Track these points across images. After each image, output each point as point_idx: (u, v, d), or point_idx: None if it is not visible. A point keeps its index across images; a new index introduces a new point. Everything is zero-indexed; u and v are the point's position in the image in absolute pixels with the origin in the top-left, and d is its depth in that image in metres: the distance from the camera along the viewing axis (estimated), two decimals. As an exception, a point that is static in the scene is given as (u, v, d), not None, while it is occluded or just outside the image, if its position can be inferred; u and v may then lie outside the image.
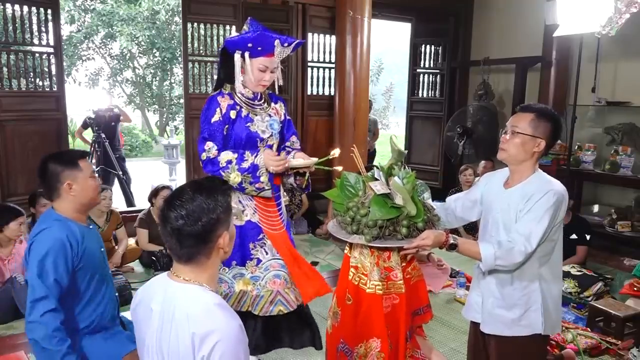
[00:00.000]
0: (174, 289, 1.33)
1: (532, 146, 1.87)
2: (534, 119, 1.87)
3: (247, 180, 2.42)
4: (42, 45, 4.70)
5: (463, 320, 3.37)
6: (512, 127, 1.89)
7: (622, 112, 5.23)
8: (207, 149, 2.46)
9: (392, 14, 6.72)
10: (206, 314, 1.26)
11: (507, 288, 1.91)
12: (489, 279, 1.96)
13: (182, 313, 1.27)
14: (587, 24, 3.79)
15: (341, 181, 2.02)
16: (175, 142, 8.07)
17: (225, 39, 2.63)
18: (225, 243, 1.36)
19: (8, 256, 3.31)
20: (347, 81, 4.91)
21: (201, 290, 1.32)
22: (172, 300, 1.31)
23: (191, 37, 5.33)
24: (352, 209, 1.89)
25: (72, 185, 1.96)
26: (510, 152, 1.89)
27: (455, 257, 4.67)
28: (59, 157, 2.01)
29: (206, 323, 1.24)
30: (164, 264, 4.10)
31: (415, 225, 1.84)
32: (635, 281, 3.49)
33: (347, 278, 2.08)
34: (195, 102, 5.42)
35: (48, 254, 1.84)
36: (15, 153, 4.59)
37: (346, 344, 2.10)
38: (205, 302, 1.29)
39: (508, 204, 1.89)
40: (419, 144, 7.31)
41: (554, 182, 1.87)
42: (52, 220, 1.94)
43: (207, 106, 2.49)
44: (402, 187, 1.88)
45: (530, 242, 1.77)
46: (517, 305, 1.89)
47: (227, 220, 1.36)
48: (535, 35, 5.78)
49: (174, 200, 1.31)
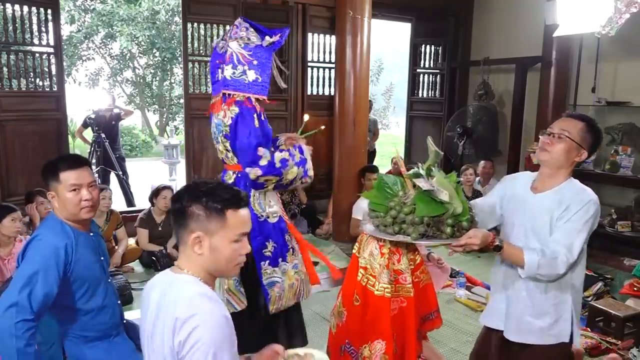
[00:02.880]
0: (171, 278, 1.37)
1: (575, 155, 1.83)
2: (583, 128, 1.83)
3: (299, 175, 2.57)
4: (42, 45, 4.71)
5: (463, 320, 3.37)
6: (562, 131, 1.83)
7: (622, 112, 5.23)
8: (263, 154, 2.48)
9: (392, 14, 6.72)
10: (190, 300, 1.28)
11: (539, 296, 1.87)
12: (518, 285, 1.90)
13: (171, 299, 1.30)
14: (587, 24, 3.79)
15: (379, 182, 1.99)
16: (175, 142, 8.07)
17: (276, 43, 2.69)
18: (203, 248, 1.33)
19: (8, 255, 3.30)
20: (347, 81, 4.90)
21: (192, 280, 1.34)
22: (166, 288, 1.34)
23: (191, 37, 5.33)
24: (395, 208, 1.86)
25: (54, 196, 1.90)
26: (554, 155, 1.83)
27: (455, 257, 4.67)
28: (48, 164, 1.91)
29: (189, 309, 1.25)
30: (164, 264, 4.10)
31: (460, 224, 1.80)
32: (635, 281, 3.49)
33: (356, 279, 2.08)
34: (195, 102, 5.42)
35: (40, 268, 1.75)
36: (15, 153, 4.60)
37: (352, 345, 2.10)
38: (193, 290, 1.31)
39: (539, 209, 1.85)
40: (419, 144, 7.30)
41: (589, 191, 1.83)
42: (49, 227, 1.88)
43: (245, 113, 2.51)
44: (447, 183, 1.84)
45: (572, 253, 1.74)
46: (548, 314, 1.86)
47: (205, 224, 1.32)
48: (535, 35, 5.78)
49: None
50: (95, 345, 1.98)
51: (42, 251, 1.79)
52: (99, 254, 2.02)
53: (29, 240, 1.86)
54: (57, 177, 1.86)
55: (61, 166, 1.88)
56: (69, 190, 1.86)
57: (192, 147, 5.51)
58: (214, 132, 2.69)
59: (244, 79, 2.57)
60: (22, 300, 1.68)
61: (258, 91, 2.60)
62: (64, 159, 1.93)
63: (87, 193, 1.89)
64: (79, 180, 1.88)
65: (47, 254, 1.78)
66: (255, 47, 2.57)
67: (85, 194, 1.88)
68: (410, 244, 1.98)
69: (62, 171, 1.86)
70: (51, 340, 2.07)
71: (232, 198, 1.35)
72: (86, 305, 1.93)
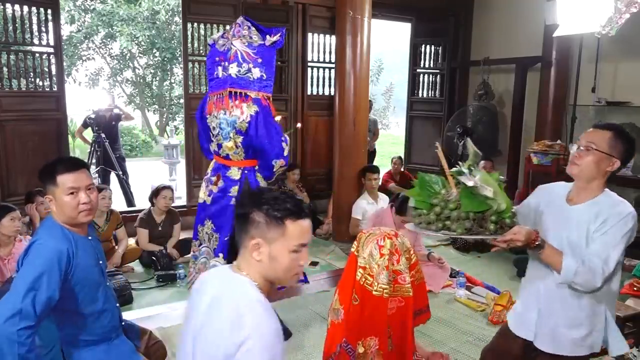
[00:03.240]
0: (230, 275, 1.38)
1: (606, 165, 1.82)
2: (612, 137, 1.81)
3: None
4: (42, 45, 4.71)
5: (463, 320, 3.37)
6: (588, 144, 1.82)
7: (622, 112, 5.23)
8: (285, 147, 2.75)
9: (392, 14, 6.72)
10: (250, 304, 1.29)
11: (574, 307, 1.86)
12: (553, 295, 1.89)
13: (231, 295, 1.32)
14: (587, 24, 3.79)
15: (420, 181, 2.00)
16: (175, 142, 8.06)
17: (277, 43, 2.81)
18: (261, 255, 1.34)
19: (8, 255, 3.30)
20: (347, 81, 4.90)
21: (250, 284, 1.35)
22: (225, 284, 1.36)
23: (191, 37, 5.34)
24: (439, 205, 1.87)
25: (52, 200, 1.87)
26: (583, 168, 1.82)
27: (454, 258, 4.68)
28: (45, 167, 1.87)
29: (248, 313, 1.27)
30: (164, 264, 4.10)
31: (503, 220, 1.81)
32: (635, 281, 3.49)
33: (354, 278, 2.08)
34: (195, 102, 5.41)
35: (44, 272, 1.73)
36: (15, 153, 4.60)
37: (349, 343, 2.11)
38: (252, 295, 1.32)
39: (576, 221, 1.84)
40: (419, 144, 7.31)
41: (627, 204, 1.82)
42: (50, 231, 1.86)
43: (265, 110, 2.68)
44: (491, 180, 1.85)
45: (608, 266, 1.73)
46: (583, 325, 1.85)
47: (265, 231, 1.33)
48: (535, 35, 5.79)
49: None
50: (95, 348, 1.97)
51: (44, 255, 1.77)
52: (98, 257, 2.01)
53: (30, 244, 1.84)
54: (54, 181, 1.83)
55: (58, 169, 1.84)
56: (66, 193, 1.83)
57: (192, 147, 5.51)
58: (221, 129, 2.71)
59: (249, 76, 2.63)
60: (27, 307, 1.66)
61: (262, 88, 2.68)
62: (61, 162, 1.90)
63: (85, 196, 1.86)
64: (77, 183, 1.85)
65: (50, 257, 1.76)
66: (259, 45, 2.63)
67: (83, 197, 1.85)
68: (452, 240, 2.00)
69: (60, 174, 1.83)
70: (51, 344, 2.07)
71: (293, 208, 1.34)
72: (86, 310, 1.92)
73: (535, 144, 5.51)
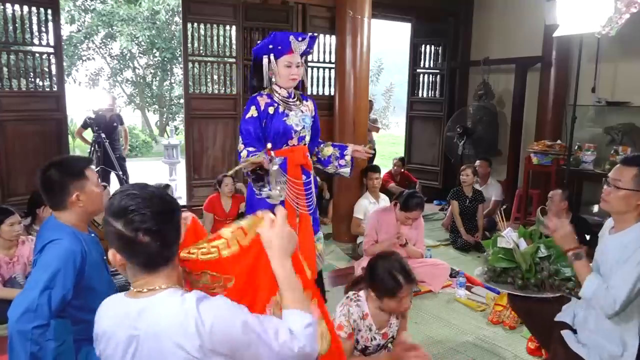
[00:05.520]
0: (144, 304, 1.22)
1: (635, 200, 1.87)
2: (637, 174, 1.86)
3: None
4: (42, 45, 4.71)
5: (463, 320, 3.37)
6: (614, 182, 1.89)
7: (622, 112, 5.23)
8: (240, 144, 2.81)
9: (392, 14, 6.72)
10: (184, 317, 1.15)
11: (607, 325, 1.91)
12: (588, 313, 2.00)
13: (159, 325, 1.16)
14: (587, 24, 3.79)
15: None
16: (175, 142, 8.05)
17: (252, 48, 2.95)
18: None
19: (13, 257, 3.27)
20: (347, 81, 4.90)
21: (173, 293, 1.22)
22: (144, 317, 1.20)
23: (191, 37, 5.34)
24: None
25: (80, 196, 1.90)
26: (613, 205, 1.93)
27: (455, 258, 4.68)
28: (65, 169, 1.90)
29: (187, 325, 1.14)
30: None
31: (528, 280, 2.21)
32: None
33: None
34: (195, 102, 5.42)
35: (60, 270, 1.76)
36: (15, 153, 4.60)
37: None
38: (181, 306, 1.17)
39: (610, 250, 1.92)
40: (419, 144, 7.31)
41: None
42: (63, 231, 1.88)
43: (247, 106, 2.81)
44: (523, 252, 2.25)
45: (616, 305, 1.79)
46: (615, 343, 1.90)
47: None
48: (535, 35, 5.78)
49: None
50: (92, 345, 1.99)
51: (60, 254, 1.80)
52: (102, 252, 2.06)
53: (46, 243, 1.86)
54: (83, 175, 1.91)
55: (83, 164, 1.95)
56: (96, 185, 1.94)
57: (192, 147, 5.51)
58: (304, 125, 2.98)
59: None
60: (42, 305, 1.70)
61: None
62: (81, 159, 2.03)
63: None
64: (96, 175, 2.00)
65: (65, 257, 1.80)
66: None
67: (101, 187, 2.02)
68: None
69: (87, 168, 1.94)
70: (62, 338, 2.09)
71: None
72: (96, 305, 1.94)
73: (535, 144, 5.51)
